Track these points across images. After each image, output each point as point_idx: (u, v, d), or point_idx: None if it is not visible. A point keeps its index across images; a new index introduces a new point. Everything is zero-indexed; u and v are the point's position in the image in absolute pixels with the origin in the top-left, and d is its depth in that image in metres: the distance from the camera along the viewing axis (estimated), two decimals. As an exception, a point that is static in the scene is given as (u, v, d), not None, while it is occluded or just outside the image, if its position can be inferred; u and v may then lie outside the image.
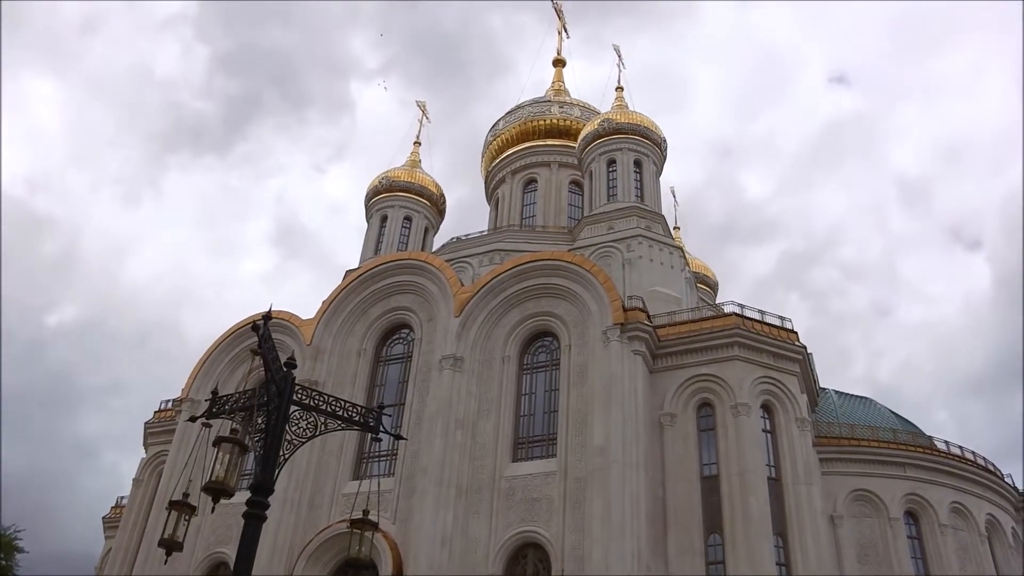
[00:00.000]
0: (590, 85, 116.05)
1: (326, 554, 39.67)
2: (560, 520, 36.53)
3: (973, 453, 45.17)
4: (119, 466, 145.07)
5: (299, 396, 13.01)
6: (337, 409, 13.42)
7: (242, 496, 12.92)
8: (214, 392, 13.18)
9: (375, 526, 13.94)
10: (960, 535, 41.84)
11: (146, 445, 52.32)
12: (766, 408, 39.28)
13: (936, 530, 41.22)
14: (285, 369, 12.90)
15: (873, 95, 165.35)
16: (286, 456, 12.28)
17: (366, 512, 13.80)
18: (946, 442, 44.95)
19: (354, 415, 13.69)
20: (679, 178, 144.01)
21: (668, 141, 57.36)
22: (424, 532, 37.53)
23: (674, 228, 66.26)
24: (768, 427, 39.09)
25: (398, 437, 15.18)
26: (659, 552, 36.03)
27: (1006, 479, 46.68)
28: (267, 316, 13.00)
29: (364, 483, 38.19)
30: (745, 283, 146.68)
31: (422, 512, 38.19)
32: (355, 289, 47.42)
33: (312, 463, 42.24)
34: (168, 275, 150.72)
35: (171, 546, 12.50)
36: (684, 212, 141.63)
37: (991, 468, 45.64)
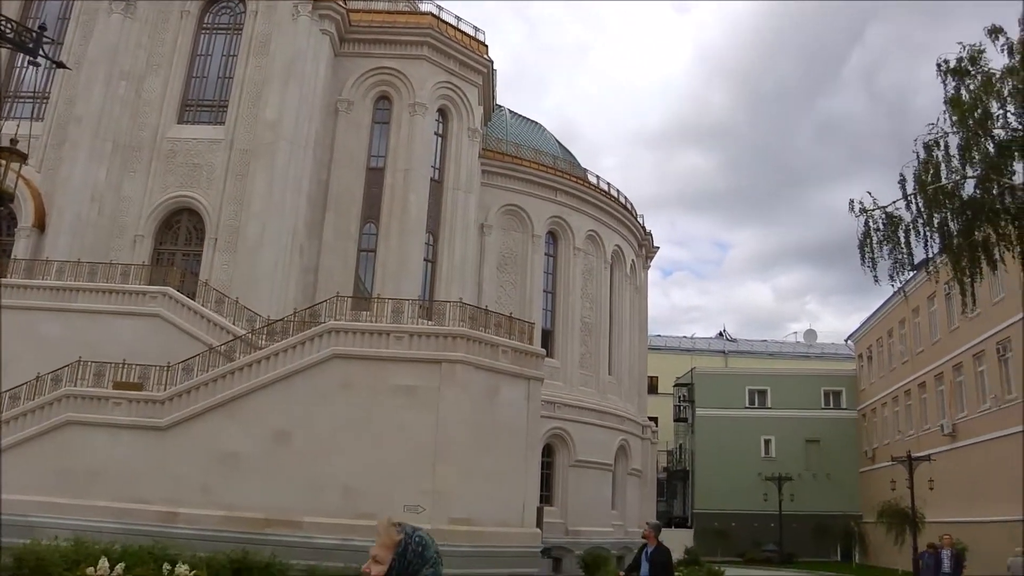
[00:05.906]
0: None
1: (-44, 194, 36.59)
2: (220, 189, 36.03)
3: (618, 191, 50.22)
4: None
5: (-61, 4, 11.17)
6: (-12, 21, 11.53)
7: None
8: None
9: (24, 157, 12.60)
10: (589, 259, 47.17)
11: None
12: (442, 112, 40.31)
13: (571, 252, 46.05)
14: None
15: None
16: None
17: (15, 141, 12.47)
18: (597, 176, 49.53)
19: (7, 31, 11.92)
20: None
21: None
22: (73, 185, 35.46)
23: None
24: (440, 131, 40.34)
25: (60, 65, 13.54)
26: (315, 234, 37.00)
27: (638, 219, 52.76)
28: None
29: (8, 124, 34.87)
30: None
31: (72, 164, 35.90)
32: (13, -95, 40.92)
33: (-55, 96, 37.85)
34: None
35: None
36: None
37: (628, 207, 51.19)
